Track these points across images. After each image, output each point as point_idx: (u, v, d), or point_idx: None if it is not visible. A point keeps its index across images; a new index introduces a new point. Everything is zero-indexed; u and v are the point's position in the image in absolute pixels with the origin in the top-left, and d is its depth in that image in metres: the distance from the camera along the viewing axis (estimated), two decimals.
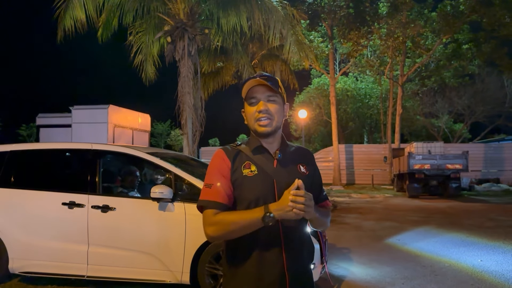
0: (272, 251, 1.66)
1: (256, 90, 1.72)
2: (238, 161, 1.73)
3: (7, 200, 5.02)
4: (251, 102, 1.73)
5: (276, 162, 1.74)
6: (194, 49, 8.96)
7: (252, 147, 1.76)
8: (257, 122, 1.71)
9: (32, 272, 4.85)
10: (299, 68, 24.18)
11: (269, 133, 1.73)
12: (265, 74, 1.77)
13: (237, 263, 1.69)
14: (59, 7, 8.46)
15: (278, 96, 1.75)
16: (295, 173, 1.75)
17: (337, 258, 6.37)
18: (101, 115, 11.61)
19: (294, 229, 1.71)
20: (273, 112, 1.72)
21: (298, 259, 1.72)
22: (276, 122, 1.73)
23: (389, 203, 15.29)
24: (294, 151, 1.85)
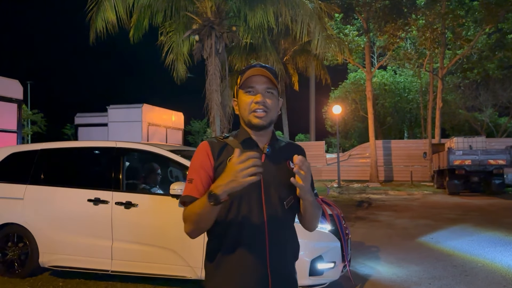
0: (256, 250, 1.59)
1: (255, 80, 1.64)
2: (224, 155, 1.65)
3: (37, 197, 5.23)
4: (248, 91, 1.64)
5: (264, 157, 1.66)
6: (222, 47, 9.00)
7: (241, 139, 1.68)
8: (253, 113, 1.63)
9: (60, 266, 5.04)
10: (333, 63, 23.83)
11: (263, 126, 1.65)
12: (264, 64, 1.70)
13: (218, 261, 1.63)
14: (91, 10, 8.72)
15: (276, 89, 1.68)
16: (284, 169, 1.68)
17: (364, 256, 6.23)
18: (136, 114, 11.95)
19: (280, 228, 1.65)
20: (270, 105, 1.64)
21: (282, 259, 1.65)
22: (271, 116, 1.66)
23: (426, 200, 14.80)
24: (284, 147, 1.77)
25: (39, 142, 6.09)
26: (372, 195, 16.72)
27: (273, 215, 1.61)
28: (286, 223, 1.68)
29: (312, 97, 35.17)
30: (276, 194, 1.63)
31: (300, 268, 4.18)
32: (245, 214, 1.60)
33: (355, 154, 26.82)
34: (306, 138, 44.19)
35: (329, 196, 15.83)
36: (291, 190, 1.65)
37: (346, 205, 13.04)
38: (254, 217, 1.59)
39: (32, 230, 5.13)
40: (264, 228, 1.59)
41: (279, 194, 1.64)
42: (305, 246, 4.34)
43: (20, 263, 5.19)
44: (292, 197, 1.67)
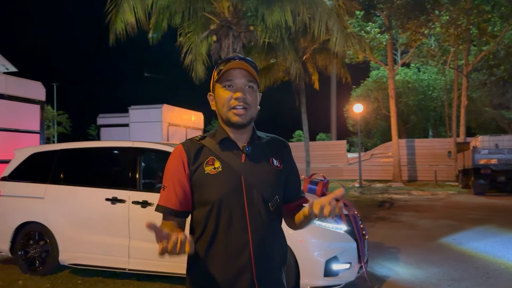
0: (240, 257, 1.48)
1: (234, 73, 1.51)
2: (201, 158, 1.53)
3: (57, 196, 5.34)
4: (227, 85, 1.51)
5: (244, 157, 1.54)
6: (239, 47, 9.00)
7: (218, 139, 1.56)
8: (232, 110, 1.50)
9: (79, 264, 5.13)
10: (354, 61, 23.55)
11: (243, 124, 1.52)
12: (243, 56, 1.56)
13: (200, 270, 1.52)
14: (110, 12, 8.86)
15: (256, 83, 1.56)
16: (267, 168, 1.57)
17: (383, 257, 6.12)
18: (156, 115, 12.08)
19: (265, 231, 1.52)
20: (250, 101, 1.52)
21: (269, 265, 1.54)
22: (252, 113, 1.54)
23: (451, 200, 14.46)
24: (266, 143, 1.63)
25: (62, 143, 6.22)
26: (395, 195, 16.45)
27: (257, 218, 1.50)
28: (271, 225, 1.55)
29: (333, 96, 34.93)
30: (260, 195, 1.52)
31: (315, 268, 4.19)
32: (226, 219, 1.49)
33: (377, 153, 26.45)
34: (327, 138, 43.81)
35: (347, 196, 15.65)
36: (276, 190, 1.58)
37: (367, 205, 12.87)
38: (236, 222, 1.48)
39: (52, 228, 5.24)
40: (248, 232, 1.48)
41: (262, 195, 1.52)
42: (320, 247, 4.31)
43: (41, 260, 5.31)
44: (277, 197, 1.57)
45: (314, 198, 4.42)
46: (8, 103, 7.51)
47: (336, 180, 24.96)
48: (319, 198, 1.40)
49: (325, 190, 5.05)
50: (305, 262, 4.26)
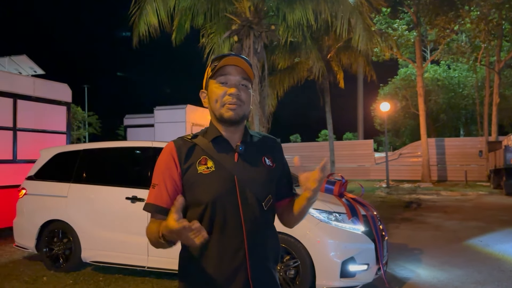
0: (234, 258, 1.46)
1: (229, 70, 1.50)
2: (193, 157, 1.51)
3: (79, 195, 5.48)
4: (222, 81, 1.50)
5: (237, 156, 1.52)
6: (260, 46, 8.99)
7: (210, 138, 1.53)
8: (226, 105, 1.49)
9: (100, 262, 5.24)
10: (381, 59, 23.15)
11: (236, 121, 1.51)
12: (239, 54, 1.57)
13: (194, 271, 1.49)
14: (134, 14, 9.02)
15: (250, 82, 1.55)
16: (260, 167, 1.56)
17: (405, 259, 5.99)
18: (180, 115, 12.23)
19: (259, 231, 1.51)
20: (244, 98, 1.51)
21: (263, 265, 1.52)
22: (244, 110, 1.53)
23: (481, 201, 14.01)
24: (258, 142, 1.62)
25: (85, 143, 6.38)
26: (423, 195, 16.07)
27: (251, 218, 1.48)
28: (265, 225, 1.55)
29: (360, 95, 34.49)
30: (253, 195, 1.50)
31: (331, 269, 4.15)
32: (220, 220, 1.47)
33: (405, 153, 25.89)
34: (354, 137, 43.28)
35: (373, 197, 15.41)
36: (269, 189, 1.57)
37: (393, 206, 12.63)
38: (231, 222, 1.47)
39: (74, 226, 5.38)
40: (242, 233, 1.46)
41: (256, 195, 1.51)
42: (336, 247, 4.26)
43: (64, 258, 5.47)
44: (271, 196, 1.56)
45: (332, 199, 4.34)
46: (35, 104, 7.75)
47: (362, 180, 24.65)
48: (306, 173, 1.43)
49: (343, 190, 4.98)
50: (321, 263, 4.22)
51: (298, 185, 1.51)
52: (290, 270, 4.33)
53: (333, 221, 4.37)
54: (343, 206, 4.54)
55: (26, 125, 7.55)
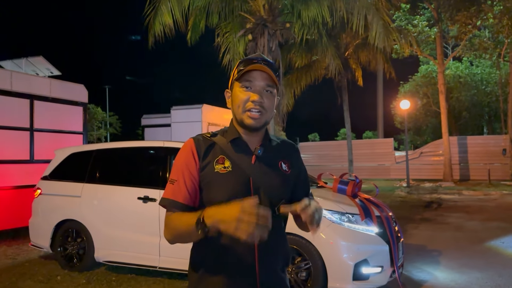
0: (243, 261, 1.46)
1: (255, 75, 1.49)
2: (211, 155, 1.51)
3: (93, 194, 5.50)
4: (246, 86, 1.49)
5: (254, 158, 1.52)
6: (275, 45, 8.90)
7: (230, 138, 1.54)
8: (247, 112, 1.48)
9: (113, 261, 5.25)
10: (401, 56, 22.73)
11: (256, 128, 1.51)
12: (266, 59, 1.54)
13: (203, 272, 1.49)
14: (149, 15, 9.05)
15: (275, 87, 1.53)
16: (276, 171, 1.55)
17: (423, 260, 5.83)
18: (196, 114, 12.23)
19: (270, 235, 1.40)
20: (267, 106, 1.50)
21: (273, 269, 1.51)
22: (266, 118, 1.52)
23: (504, 201, 13.59)
24: (277, 146, 1.62)
25: (98, 143, 6.42)
26: (444, 195, 15.71)
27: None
28: (276, 229, 1.49)
29: (379, 93, 34.04)
30: (267, 199, 1.49)
31: (343, 271, 4.04)
32: None
33: (427, 151, 25.37)
34: (374, 136, 42.72)
35: (392, 197, 15.14)
36: (283, 193, 1.54)
37: (413, 206, 12.37)
38: None
39: (88, 226, 5.41)
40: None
41: (269, 198, 1.49)
42: (348, 249, 4.15)
43: (78, 257, 5.50)
44: (284, 201, 1.52)
45: (345, 199, 4.22)
46: (52, 105, 7.85)
47: (382, 179, 24.29)
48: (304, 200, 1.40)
49: (356, 190, 4.87)
50: (333, 265, 4.12)
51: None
52: (302, 272, 4.25)
53: (346, 222, 4.27)
54: (356, 206, 4.43)
55: (42, 126, 7.65)
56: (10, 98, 7.07)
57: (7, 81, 7.00)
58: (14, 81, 7.12)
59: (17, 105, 7.21)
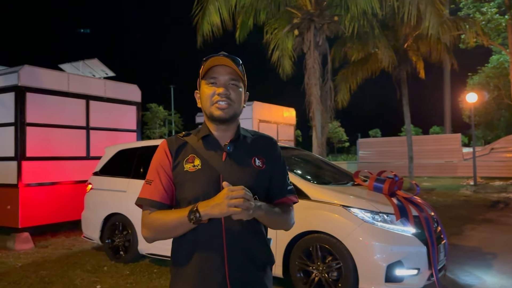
0: (213, 256, 1.46)
1: (218, 70, 1.52)
2: (182, 154, 1.54)
3: (137, 190, 5.68)
4: (211, 82, 1.52)
5: (225, 155, 1.52)
6: (322, 39, 8.72)
7: (201, 136, 1.56)
8: (215, 105, 1.51)
9: (154, 254, 5.46)
10: (470, 46, 21.33)
11: (225, 119, 1.52)
12: (228, 54, 1.55)
13: (178, 270, 1.53)
14: (197, 15, 9.25)
15: (241, 81, 1.55)
16: (248, 167, 1.54)
17: (473, 263, 5.45)
18: (246, 111, 12.30)
19: (242, 233, 1.48)
20: (234, 97, 1.52)
21: (245, 267, 1.49)
22: (235, 109, 1.54)
23: None
24: (251, 141, 1.61)
25: (143, 141, 6.70)
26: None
27: (233, 220, 1.41)
28: (248, 226, 1.49)
29: (446, 85, 32.25)
30: None
31: (375, 273, 3.90)
32: None
33: (498, 147, 23.63)
34: (441, 131, 40.55)
35: (456, 196, 14.30)
36: (255, 189, 1.50)
37: (477, 206, 11.61)
38: (211, 220, 1.43)
39: (132, 219, 5.67)
40: (222, 233, 1.46)
41: None
42: (381, 249, 3.99)
43: (124, 249, 5.78)
44: (256, 197, 1.49)
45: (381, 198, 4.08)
46: (107, 105, 8.30)
47: (448, 177, 23.04)
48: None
49: (395, 189, 4.66)
50: (364, 266, 3.98)
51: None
52: (333, 272, 4.15)
53: (379, 221, 4.10)
54: (392, 206, 4.24)
55: (98, 124, 8.11)
56: (67, 98, 7.57)
57: (64, 82, 7.51)
58: (71, 83, 7.62)
59: (74, 105, 7.71)
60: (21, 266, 5.58)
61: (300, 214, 4.41)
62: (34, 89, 7.08)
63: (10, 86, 6.97)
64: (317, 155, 7.95)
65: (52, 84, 7.35)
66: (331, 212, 4.24)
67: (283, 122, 13.53)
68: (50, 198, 7.33)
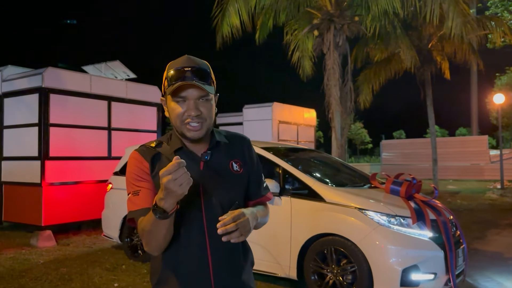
0: (198, 267, 1.45)
1: (187, 88, 1.42)
2: (157, 166, 1.46)
3: None
4: (177, 100, 1.44)
5: (203, 164, 1.49)
6: (342, 39, 8.64)
7: (173, 149, 1.50)
8: (187, 125, 1.44)
9: None
10: (498, 46, 20.75)
11: (199, 138, 1.47)
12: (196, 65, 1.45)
13: (161, 279, 1.50)
14: (216, 17, 9.32)
15: (210, 93, 1.46)
16: (227, 173, 1.52)
17: (496, 269, 5.30)
18: (266, 113, 12.36)
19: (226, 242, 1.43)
20: (206, 114, 1.45)
21: (229, 270, 1.50)
22: (208, 126, 1.48)
23: None
24: (225, 146, 1.57)
25: None
26: None
27: (214, 224, 1.39)
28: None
29: (473, 86, 31.47)
30: (218, 202, 1.47)
31: (390, 276, 3.85)
32: (185, 227, 1.45)
33: None
34: (468, 133, 39.59)
35: (481, 199, 13.93)
36: (236, 194, 1.52)
37: (503, 210, 11.28)
38: (195, 229, 1.44)
39: None
40: (205, 239, 1.44)
41: (221, 202, 1.47)
42: (396, 253, 3.94)
43: (142, 248, 5.86)
44: (237, 202, 1.50)
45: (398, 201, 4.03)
46: (128, 106, 8.45)
47: (475, 180, 22.48)
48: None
49: (413, 192, 4.57)
50: (379, 269, 3.93)
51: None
52: (348, 275, 4.11)
53: (395, 225, 4.03)
54: (409, 209, 4.16)
55: (119, 125, 8.27)
56: (90, 99, 7.75)
57: (87, 84, 7.69)
58: (93, 84, 7.79)
59: (96, 106, 7.88)
60: (43, 263, 5.73)
61: (315, 216, 4.41)
62: (57, 91, 7.27)
63: (35, 87, 7.19)
64: (337, 157, 7.89)
65: (75, 86, 7.54)
66: (346, 214, 4.20)
67: (304, 123, 13.48)
68: (72, 197, 7.50)
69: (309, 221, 4.40)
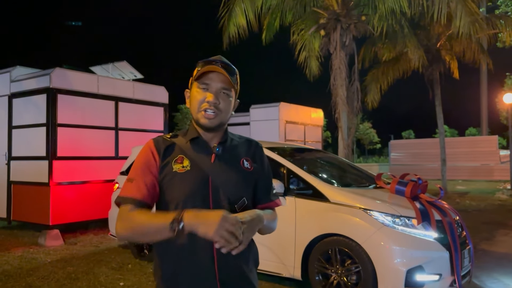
0: (202, 261, 1.45)
1: (212, 77, 1.52)
2: (170, 155, 1.52)
3: None
4: (203, 87, 1.53)
5: (214, 157, 1.53)
6: (349, 39, 8.61)
7: (189, 138, 1.56)
8: (202, 112, 1.51)
9: None
10: (506, 45, 20.52)
11: (211, 128, 1.53)
12: (225, 61, 1.56)
13: (165, 275, 1.50)
14: (223, 17, 9.34)
15: (233, 90, 1.56)
16: (237, 169, 1.55)
17: (503, 271, 5.25)
18: (273, 113, 12.34)
19: None
20: (223, 107, 1.52)
21: (234, 269, 1.49)
22: (222, 119, 1.54)
23: None
24: (239, 144, 1.64)
25: None
26: None
27: None
28: None
29: (483, 86, 31.17)
30: (226, 196, 1.49)
31: (394, 277, 3.84)
32: None
33: None
34: (478, 133, 39.21)
35: (490, 200, 13.80)
36: (244, 191, 1.54)
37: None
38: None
39: None
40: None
41: (229, 196, 1.49)
42: (401, 254, 3.92)
43: (148, 248, 5.88)
44: (245, 199, 1.52)
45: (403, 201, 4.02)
46: (135, 106, 8.50)
47: (484, 181, 22.26)
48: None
49: (419, 192, 4.55)
50: (384, 270, 3.91)
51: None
52: (352, 275, 4.10)
53: (400, 225, 4.01)
54: (414, 209, 4.14)
55: (126, 125, 8.32)
56: (97, 100, 7.81)
57: (94, 84, 7.75)
58: (101, 85, 7.85)
59: (103, 107, 7.94)
60: (50, 262, 5.79)
61: (319, 216, 4.40)
62: (65, 91, 7.33)
63: (42, 88, 7.26)
64: (343, 157, 7.87)
65: (82, 86, 7.60)
66: (350, 215, 4.19)
67: (311, 123, 13.45)
68: (80, 197, 7.57)
69: (313, 221, 4.39)
